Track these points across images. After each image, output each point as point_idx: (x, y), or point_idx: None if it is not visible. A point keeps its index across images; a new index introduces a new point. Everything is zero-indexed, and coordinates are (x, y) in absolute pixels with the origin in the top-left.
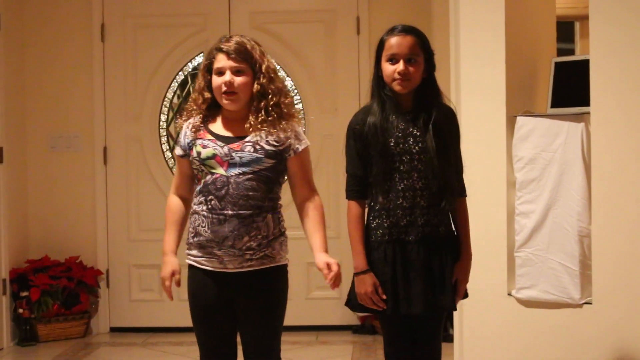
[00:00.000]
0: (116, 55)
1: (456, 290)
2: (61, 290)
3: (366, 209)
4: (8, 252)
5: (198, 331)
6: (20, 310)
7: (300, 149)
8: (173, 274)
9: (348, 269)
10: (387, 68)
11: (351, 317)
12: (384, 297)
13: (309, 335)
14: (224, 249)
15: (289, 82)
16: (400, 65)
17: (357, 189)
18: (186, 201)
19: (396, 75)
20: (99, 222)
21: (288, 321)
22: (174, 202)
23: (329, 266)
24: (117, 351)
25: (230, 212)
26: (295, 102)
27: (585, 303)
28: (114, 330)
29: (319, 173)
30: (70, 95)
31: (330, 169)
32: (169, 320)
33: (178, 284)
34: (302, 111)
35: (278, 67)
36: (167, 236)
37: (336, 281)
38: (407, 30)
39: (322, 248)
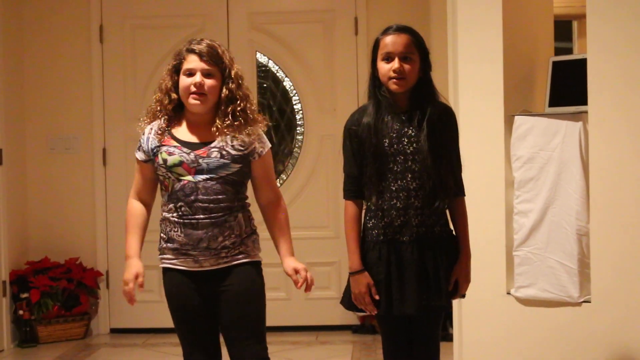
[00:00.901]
0: (115, 57)
1: (455, 290)
2: (61, 291)
3: (364, 209)
4: (8, 253)
5: (180, 330)
6: (21, 312)
7: (264, 152)
8: (137, 276)
9: (347, 268)
10: (383, 67)
11: (351, 317)
12: (377, 297)
13: (308, 335)
14: (199, 250)
15: (287, 83)
16: (395, 63)
17: (353, 188)
18: (147, 206)
19: (391, 74)
20: (98, 224)
21: (288, 321)
22: (136, 207)
23: (297, 272)
24: (118, 352)
25: (201, 216)
26: (294, 102)
27: (584, 301)
28: (114, 331)
29: (317, 173)
30: (69, 96)
31: (329, 169)
32: (169, 321)
33: (141, 286)
34: (300, 111)
35: (276, 67)
36: (130, 240)
37: (308, 286)
38: (402, 29)
39: (289, 253)
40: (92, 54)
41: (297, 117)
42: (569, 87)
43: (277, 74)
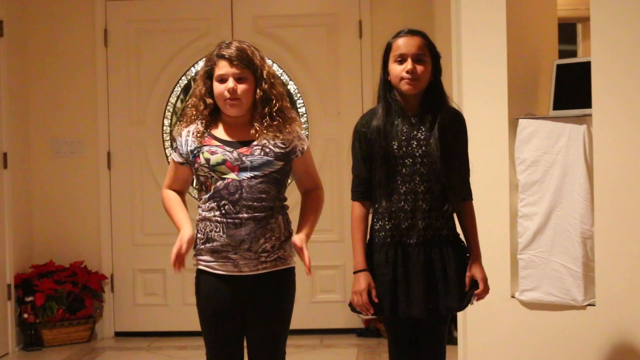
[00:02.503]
0: (119, 60)
1: (472, 290)
2: (66, 295)
3: (371, 211)
4: (13, 257)
5: (207, 334)
6: (25, 315)
7: (304, 150)
8: (189, 239)
9: (352, 272)
10: (395, 68)
11: (355, 320)
12: (376, 300)
13: (313, 339)
14: (240, 252)
15: (292, 86)
16: (408, 64)
17: (360, 189)
18: (180, 194)
19: (404, 75)
20: (103, 227)
21: (292, 324)
22: (170, 192)
23: (300, 249)
24: (122, 356)
25: (245, 215)
26: (299, 105)
27: (589, 305)
28: (118, 334)
29: (322, 176)
30: (74, 100)
31: (333, 173)
32: (174, 325)
33: (187, 249)
34: (305, 115)
35: (280, 71)
36: (176, 216)
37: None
38: (415, 31)
39: (302, 230)
40: (96, 58)
41: (302, 120)
42: (573, 90)
43: (282, 77)
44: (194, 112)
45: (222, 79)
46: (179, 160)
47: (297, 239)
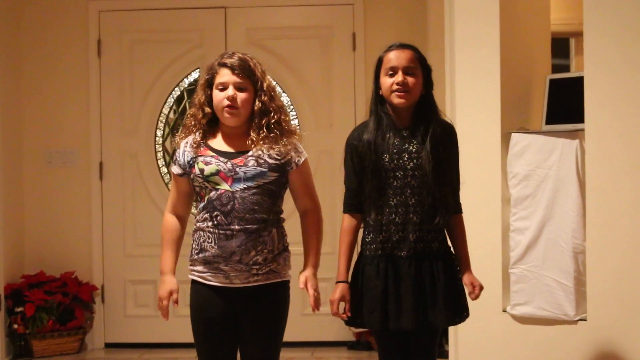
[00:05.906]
0: (112, 71)
1: (477, 297)
2: (56, 305)
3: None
4: (3, 267)
5: (200, 346)
6: (15, 326)
7: (300, 162)
8: (171, 293)
9: None
10: (386, 81)
11: (347, 333)
12: (348, 314)
13: (304, 351)
14: (231, 264)
15: (285, 98)
16: (399, 76)
17: (351, 202)
18: (182, 220)
19: (394, 87)
20: (94, 238)
21: (283, 337)
22: (171, 221)
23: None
24: None
25: (237, 227)
26: (291, 118)
27: (580, 319)
28: (109, 345)
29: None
30: (67, 110)
31: (326, 185)
32: (165, 336)
33: (176, 302)
34: (297, 127)
35: (274, 83)
36: (165, 255)
37: (315, 302)
38: (406, 45)
39: (308, 264)
40: (89, 68)
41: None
42: (565, 105)
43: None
44: (193, 122)
45: (223, 87)
46: (179, 172)
47: (303, 278)
